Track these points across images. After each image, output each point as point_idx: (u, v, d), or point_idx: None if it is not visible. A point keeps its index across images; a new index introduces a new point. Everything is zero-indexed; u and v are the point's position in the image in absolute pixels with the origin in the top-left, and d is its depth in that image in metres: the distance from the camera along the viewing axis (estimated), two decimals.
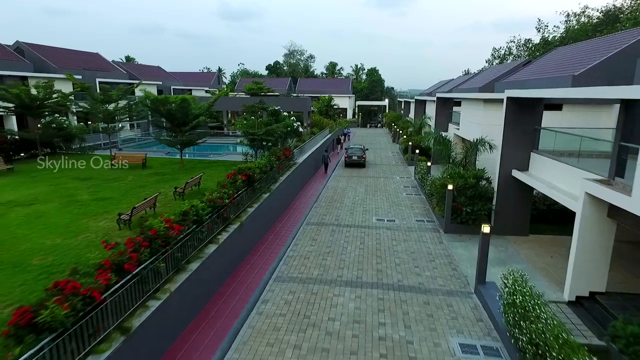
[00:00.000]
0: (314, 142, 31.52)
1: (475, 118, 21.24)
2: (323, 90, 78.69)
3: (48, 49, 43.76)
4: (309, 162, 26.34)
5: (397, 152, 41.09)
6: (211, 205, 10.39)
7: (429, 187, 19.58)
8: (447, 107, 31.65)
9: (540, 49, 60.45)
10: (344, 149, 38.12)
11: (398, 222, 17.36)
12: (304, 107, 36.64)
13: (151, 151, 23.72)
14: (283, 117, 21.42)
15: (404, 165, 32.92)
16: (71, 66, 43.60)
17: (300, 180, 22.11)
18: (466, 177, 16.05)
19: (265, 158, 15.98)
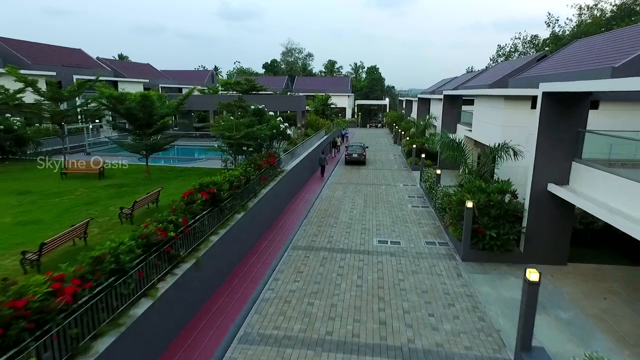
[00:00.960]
0: (308, 145, 28.45)
1: (494, 118, 18.16)
2: (321, 89, 75.58)
3: (22, 44, 40.67)
4: (302, 167, 23.30)
5: (399, 155, 38.00)
6: (145, 243, 7.33)
7: (439, 201, 16.51)
8: (455, 105, 28.59)
9: (550, 44, 57.37)
10: (341, 152, 34.98)
11: (404, 245, 14.29)
12: (297, 106, 33.60)
13: (125, 156, 20.69)
14: (269, 117, 18.38)
15: (407, 170, 29.84)
16: (48, 62, 40.58)
17: (289, 190, 19.07)
18: (489, 191, 12.98)
19: (241, 168, 12.89)
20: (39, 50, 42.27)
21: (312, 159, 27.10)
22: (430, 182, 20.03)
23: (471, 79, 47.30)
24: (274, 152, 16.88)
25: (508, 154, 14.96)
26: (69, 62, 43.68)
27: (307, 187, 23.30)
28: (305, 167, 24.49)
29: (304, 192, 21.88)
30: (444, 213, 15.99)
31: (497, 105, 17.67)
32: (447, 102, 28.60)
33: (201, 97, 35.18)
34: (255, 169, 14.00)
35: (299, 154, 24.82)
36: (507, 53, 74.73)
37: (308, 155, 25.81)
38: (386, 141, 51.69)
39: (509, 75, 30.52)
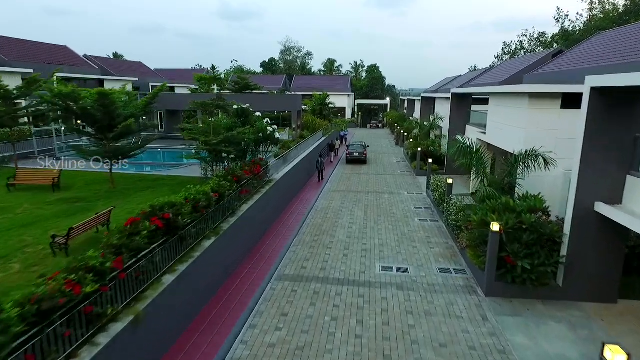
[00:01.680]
0: (303, 148, 26.02)
1: (515, 119, 15.72)
2: (320, 88, 73.07)
3: (3, 40, 38.27)
4: (296, 174, 20.88)
5: (402, 158, 35.55)
6: (37, 311, 4.91)
7: (454, 217, 14.08)
8: (464, 105, 26.15)
9: (559, 40, 54.86)
10: (339, 156, 32.50)
11: (413, 273, 11.85)
12: (292, 106, 31.16)
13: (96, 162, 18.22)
14: (255, 118, 15.95)
15: (412, 176, 27.39)
16: (29, 59, 38.22)
17: (278, 202, 16.66)
18: (519, 210, 10.54)
19: (214, 182, 10.44)
20: (21, 46, 39.91)
21: (308, 163, 24.69)
22: (439, 193, 17.58)
23: (477, 77, 44.85)
24: (260, 160, 14.45)
25: (537, 162, 12.53)
26: (52, 60, 41.30)
27: (301, 196, 20.86)
28: (300, 173, 22.08)
29: (297, 202, 19.44)
30: (458, 231, 13.58)
31: (520, 104, 15.22)
32: (455, 101, 26.17)
33: (177, 96, 32.77)
34: (234, 181, 11.57)
35: (293, 158, 22.40)
36: (512, 51, 72.28)
37: (303, 160, 23.38)
38: (387, 142, 49.25)
39: (524, 72, 28.07)
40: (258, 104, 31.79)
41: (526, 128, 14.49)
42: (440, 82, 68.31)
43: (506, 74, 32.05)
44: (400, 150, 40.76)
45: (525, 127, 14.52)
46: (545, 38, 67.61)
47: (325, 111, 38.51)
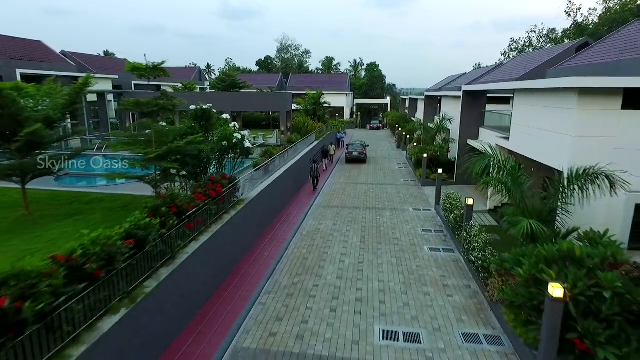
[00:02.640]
0: (292, 154, 22.52)
1: (556, 123, 12.18)
2: (317, 87, 69.54)
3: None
4: (280, 186, 17.38)
5: (404, 163, 32.04)
6: None
7: (479, 255, 10.55)
8: (478, 104, 22.64)
9: (571, 35, 51.30)
10: (334, 164, 28.94)
11: (428, 343, 8.34)
12: (281, 106, 27.64)
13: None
14: (220, 122, 12.41)
15: (416, 186, 23.86)
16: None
17: (250, 229, 13.15)
18: (590, 264, 7.02)
19: (130, 222, 6.84)
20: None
21: (296, 173, 21.19)
22: (455, 215, 14.03)
23: (486, 74, 41.31)
24: (222, 177, 10.91)
25: (601, 183, 9.01)
26: (21, 55, 37.79)
27: (285, 214, 17.35)
28: (285, 186, 18.57)
29: (278, 223, 15.92)
30: (485, 274, 10.08)
31: (563, 102, 11.69)
32: (467, 100, 22.64)
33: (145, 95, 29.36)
34: (172, 214, 8.06)
35: (278, 168, 18.89)
36: (520, 47, 68.78)
37: (291, 169, 19.87)
38: (388, 145, 45.75)
39: (545, 66, 24.59)
40: (243, 104, 28.37)
41: (574, 135, 10.96)
42: (443, 81, 64.77)
43: (522, 69, 28.54)
44: (402, 155, 37.25)
45: (573, 134, 11.00)
46: (556, 34, 64.15)
47: (319, 111, 34.93)
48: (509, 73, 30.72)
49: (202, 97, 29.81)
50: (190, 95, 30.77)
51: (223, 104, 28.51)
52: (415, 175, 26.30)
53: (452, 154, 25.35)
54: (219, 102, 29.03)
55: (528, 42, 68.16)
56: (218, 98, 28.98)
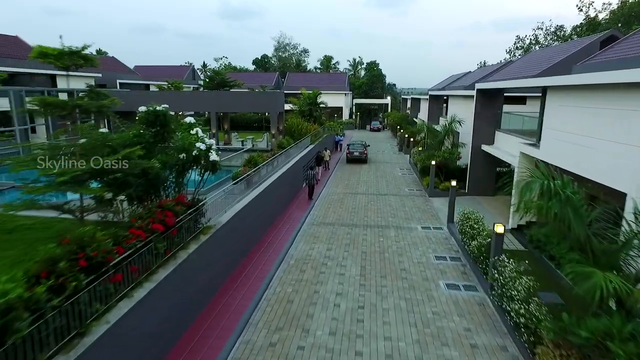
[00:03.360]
0: (283, 161, 19.81)
1: (616, 130, 9.44)
2: (315, 86, 66.87)
3: None
4: (264, 203, 14.64)
5: (407, 169, 29.33)
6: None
7: (520, 309, 7.81)
8: (493, 105, 19.91)
9: (584, 31, 48.58)
10: (330, 171, 26.13)
11: None
12: (271, 107, 24.83)
13: None
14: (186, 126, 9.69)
15: (423, 197, 21.13)
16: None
17: (219, 266, 10.39)
18: None
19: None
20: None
21: (288, 181, 18.46)
22: (479, 244, 11.24)
23: (494, 72, 38.64)
24: (176, 203, 8.15)
25: None
26: None
27: (270, 235, 14.61)
28: (273, 199, 15.83)
29: (259, 251, 13.17)
30: (531, 336, 7.36)
31: (630, 103, 8.94)
32: (481, 99, 19.91)
33: (126, 94, 26.53)
34: (76, 268, 5.36)
35: (264, 178, 16.17)
36: (527, 45, 66.14)
37: (281, 179, 17.14)
38: (389, 147, 43.06)
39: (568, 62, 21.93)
40: (228, 105, 25.60)
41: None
42: (446, 80, 62.04)
43: (539, 65, 25.84)
44: (404, 159, 34.55)
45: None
46: (564, 31, 61.52)
47: (315, 112, 32.14)
48: (522, 70, 28.03)
49: (181, 97, 27.01)
50: (170, 94, 28.02)
51: (206, 104, 25.80)
52: (421, 184, 23.58)
53: (462, 160, 22.64)
54: (202, 103, 26.32)
55: (534, 39, 65.52)
56: (201, 98, 26.25)
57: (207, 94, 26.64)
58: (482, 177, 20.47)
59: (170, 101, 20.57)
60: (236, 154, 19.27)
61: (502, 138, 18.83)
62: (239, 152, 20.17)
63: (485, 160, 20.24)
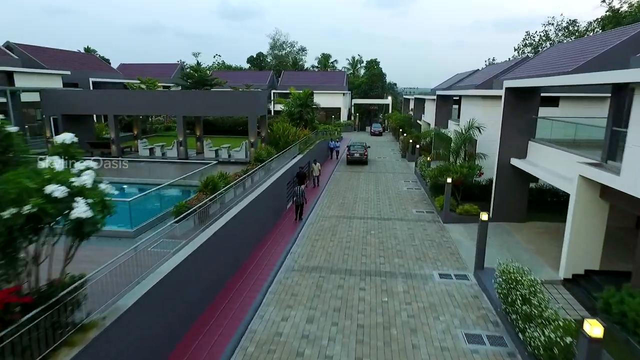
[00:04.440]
0: (259, 181, 15.64)
1: None
2: (312, 85, 62.68)
3: None
4: (228, 239, 10.43)
5: (414, 181, 25.13)
6: None
7: None
8: (526, 108, 15.66)
9: (608, 24, 44.38)
10: (321, 188, 21.66)
11: None
12: (248, 109, 20.38)
13: None
14: (55, 148, 5.72)
15: (436, 223, 16.90)
16: None
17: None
18: None
19: None
20: None
21: (262, 207, 14.22)
22: (547, 340, 6.95)
23: (511, 69, 34.49)
24: None
25: None
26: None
27: (227, 294, 10.39)
28: (238, 237, 11.59)
29: (203, 330, 8.96)
30: None
31: None
32: (511, 101, 15.70)
33: (79, 94, 22.31)
34: None
35: (227, 207, 11.97)
36: (537, 42, 61.98)
37: (252, 205, 12.92)
38: (390, 153, 38.88)
39: (612, 54, 17.91)
40: (197, 107, 21.25)
41: None
42: (451, 79, 57.84)
43: (573, 60, 21.67)
44: (409, 167, 30.36)
45: None
46: (577, 26, 57.37)
47: (307, 114, 27.78)
48: (550, 65, 23.83)
49: (139, 97, 22.68)
50: (124, 95, 23.69)
51: (170, 106, 21.49)
52: (433, 204, 19.36)
53: (483, 175, 18.44)
54: (165, 104, 21.94)
55: (545, 36, 61.35)
56: (163, 99, 21.86)
57: (172, 94, 22.37)
58: (510, 199, 16.29)
59: (126, 102, 16.08)
60: (196, 171, 14.98)
61: (539, 151, 14.64)
62: (205, 166, 15.89)
63: (514, 177, 16.07)
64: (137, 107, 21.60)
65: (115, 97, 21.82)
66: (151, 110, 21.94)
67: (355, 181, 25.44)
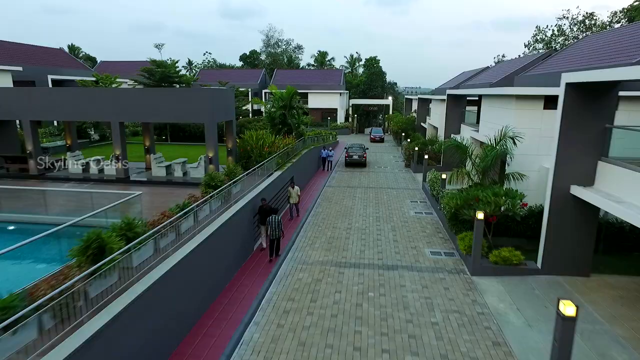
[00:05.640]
0: (215, 213, 10.77)
1: None
2: (306, 84, 57.88)
3: None
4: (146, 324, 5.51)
5: (422, 202, 20.17)
6: None
7: None
8: (594, 114, 10.72)
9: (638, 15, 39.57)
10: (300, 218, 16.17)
11: None
12: (203, 113, 14.99)
13: None
14: None
15: (462, 277, 11.85)
16: None
17: None
18: None
19: None
20: None
21: (208, 260, 9.28)
22: None
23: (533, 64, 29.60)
24: None
25: None
26: None
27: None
28: (171, 307, 6.69)
29: None
30: None
31: None
32: (574, 102, 10.74)
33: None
34: None
35: (146, 267, 7.04)
36: (548, 38, 57.13)
37: (191, 259, 7.99)
38: (392, 160, 33.96)
39: None
40: (133, 111, 15.98)
41: None
42: (458, 77, 52.77)
43: (627, 51, 16.76)
44: (415, 181, 25.46)
45: None
46: (594, 20, 52.55)
47: (291, 118, 22.55)
48: (595, 56, 18.88)
49: (56, 96, 17.42)
50: (49, 92, 18.56)
51: (99, 109, 16.13)
52: (452, 241, 14.43)
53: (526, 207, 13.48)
54: (95, 107, 16.56)
55: (558, 31, 56.46)
56: (91, 100, 16.41)
57: (102, 93, 17.16)
58: (570, 243, 11.39)
59: (41, 104, 10.99)
60: (107, 207, 9.77)
61: (617, 176, 9.75)
62: (127, 198, 10.84)
63: (576, 211, 11.20)
64: (57, 111, 16.45)
65: (27, 98, 16.57)
66: (78, 115, 16.76)
67: (350, 200, 20.53)
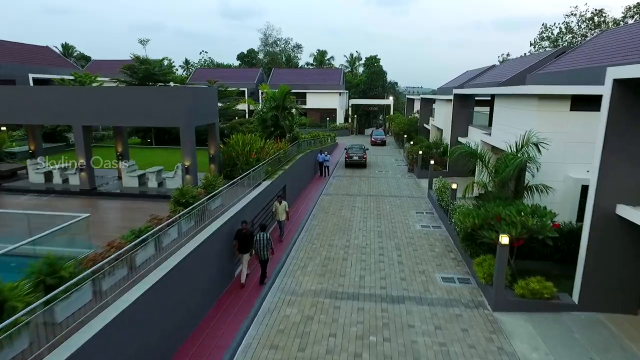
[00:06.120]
0: (185, 237, 8.73)
1: None
2: (305, 83, 55.96)
3: None
4: None
5: (430, 215, 18.15)
6: None
7: None
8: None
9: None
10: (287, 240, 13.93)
11: None
12: (178, 116, 12.73)
13: None
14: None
15: (482, 313, 9.77)
16: None
17: None
18: None
19: None
20: None
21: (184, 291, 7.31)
22: None
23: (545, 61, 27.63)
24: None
25: None
26: None
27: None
28: None
29: None
30: None
31: None
32: (624, 102, 8.74)
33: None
34: None
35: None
36: (554, 36, 55.17)
37: (161, 289, 6.02)
38: (394, 164, 31.92)
39: None
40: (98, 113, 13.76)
41: None
42: (461, 77, 50.85)
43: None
44: (419, 188, 23.46)
45: None
46: (604, 17, 50.58)
47: (284, 120, 20.46)
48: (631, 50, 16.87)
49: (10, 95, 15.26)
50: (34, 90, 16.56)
51: (59, 111, 13.89)
52: (467, 265, 12.43)
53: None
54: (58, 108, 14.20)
55: (566, 28, 54.48)
56: (50, 101, 14.14)
57: (62, 92, 15.04)
58: (615, 274, 9.41)
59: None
60: (47, 232, 7.78)
61: None
62: (71, 221, 8.78)
63: (622, 236, 9.21)
64: (6, 113, 14.33)
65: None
66: (33, 118, 14.58)
67: (349, 211, 18.56)
